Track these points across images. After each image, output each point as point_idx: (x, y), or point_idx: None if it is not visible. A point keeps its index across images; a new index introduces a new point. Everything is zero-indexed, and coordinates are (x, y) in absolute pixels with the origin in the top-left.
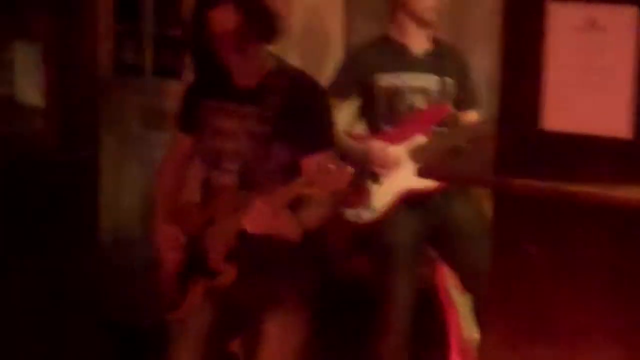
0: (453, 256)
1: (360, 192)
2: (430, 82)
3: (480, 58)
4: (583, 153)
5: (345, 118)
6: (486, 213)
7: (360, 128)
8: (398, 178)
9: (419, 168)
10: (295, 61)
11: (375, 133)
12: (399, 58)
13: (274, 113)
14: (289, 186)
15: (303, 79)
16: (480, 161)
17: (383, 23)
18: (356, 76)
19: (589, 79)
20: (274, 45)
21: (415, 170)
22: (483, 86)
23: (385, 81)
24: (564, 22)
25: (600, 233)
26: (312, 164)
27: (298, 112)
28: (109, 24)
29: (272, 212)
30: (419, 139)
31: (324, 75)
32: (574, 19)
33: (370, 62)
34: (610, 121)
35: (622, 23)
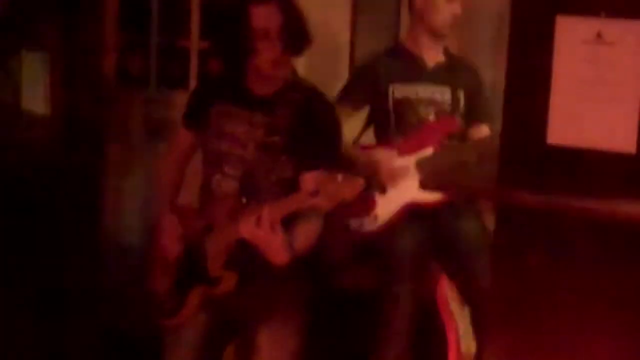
0: (455, 269)
1: (365, 202)
2: (442, 95)
3: (485, 70)
4: (587, 167)
5: (354, 126)
6: (489, 227)
7: (368, 137)
8: (404, 189)
9: (423, 179)
10: (302, 73)
11: (384, 143)
12: (413, 69)
13: (285, 125)
14: (292, 197)
15: (317, 96)
16: (485, 174)
17: (389, 37)
18: (369, 85)
19: (596, 94)
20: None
21: (419, 182)
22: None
23: (398, 91)
24: (573, 36)
25: (603, 247)
26: (312, 178)
27: (308, 128)
28: (115, 35)
29: (271, 223)
30: (427, 151)
31: (331, 88)
32: (583, 33)
33: (383, 72)
34: (615, 136)
35: (631, 38)
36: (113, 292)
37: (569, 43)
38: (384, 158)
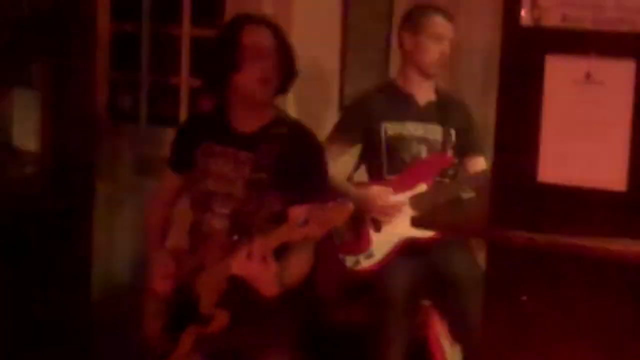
0: (446, 306)
1: (361, 239)
2: (434, 133)
3: (474, 105)
4: (578, 205)
5: (347, 164)
6: (482, 264)
7: (361, 175)
8: (398, 226)
9: (414, 218)
10: (292, 110)
11: (376, 181)
12: (405, 107)
13: (271, 161)
14: (282, 228)
15: (301, 131)
16: (477, 212)
17: (379, 74)
18: (361, 123)
19: (586, 132)
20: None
21: (410, 220)
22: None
23: (390, 129)
24: (562, 75)
25: (595, 285)
26: (300, 210)
27: (294, 163)
28: (105, 72)
29: (262, 256)
30: (421, 188)
31: (321, 124)
32: (572, 73)
33: (376, 110)
34: (606, 174)
35: (620, 77)
36: (104, 333)
37: (559, 82)
38: (378, 195)
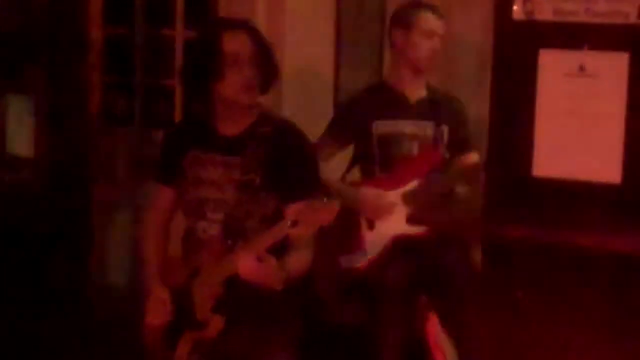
0: (440, 302)
1: (354, 238)
2: (426, 129)
3: (467, 101)
4: (573, 199)
5: (339, 164)
6: (477, 260)
7: (354, 174)
8: (391, 223)
9: (410, 215)
10: (286, 109)
11: (369, 179)
12: (396, 105)
13: (259, 162)
14: (274, 229)
15: (287, 128)
16: (472, 208)
17: (372, 71)
18: (353, 122)
19: (580, 125)
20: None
21: (406, 217)
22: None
23: (381, 128)
24: (556, 69)
25: (591, 278)
26: (295, 208)
27: (283, 162)
28: (99, 76)
29: (259, 258)
30: (413, 184)
31: (315, 124)
32: (566, 66)
33: (367, 109)
34: (600, 167)
35: (614, 69)
36: (103, 337)
37: (552, 76)
38: (369, 195)
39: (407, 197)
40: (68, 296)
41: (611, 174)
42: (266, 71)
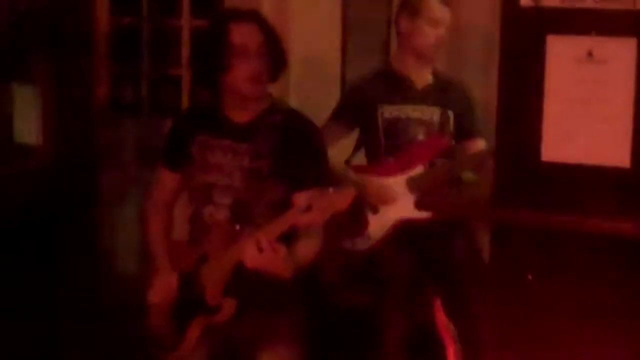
0: (445, 289)
1: (357, 221)
2: (432, 115)
3: (475, 87)
4: (583, 183)
5: (345, 148)
6: (483, 243)
7: (359, 158)
8: (396, 207)
9: (418, 200)
10: (294, 97)
11: (374, 164)
12: (402, 90)
13: (268, 149)
14: (286, 215)
15: (297, 117)
16: (480, 193)
17: (379, 58)
18: (359, 107)
19: (589, 110)
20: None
21: (414, 201)
22: (479, 115)
23: (387, 113)
24: (564, 55)
25: (600, 262)
26: (308, 194)
27: (292, 150)
28: (106, 64)
29: (269, 245)
30: (418, 170)
31: (322, 109)
32: (574, 52)
33: (373, 94)
34: (609, 151)
35: (622, 54)
36: (111, 325)
37: (561, 62)
38: (373, 183)
39: (412, 183)
40: (75, 284)
41: (620, 158)
42: (274, 61)
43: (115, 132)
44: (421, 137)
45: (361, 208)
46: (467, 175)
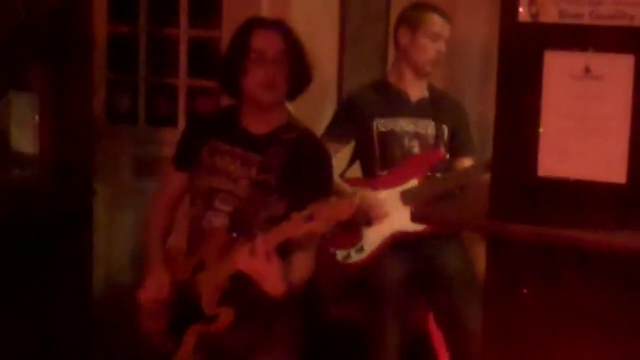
0: (437, 300)
1: (351, 233)
2: (426, 128)
3: (471, 102)
4: (579, 199)
5: (341, 161)
6: (475, 258)
7: (355, 171)
8: (390, 220)
9: (413, 212)
10: (290, 109)
11: (370, 176)
12: (397, 103)
13: (278, 164)
14: (287, 223)
15: (311, 138)
16: (474, 206)
17: (377, 71)
18: (354, 120)
19: (585, 126)
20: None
21: (409, 214)
22: (475, 130)
23: (382, 125)
24: (561, 71)
25: (596, 278)
26: (295, 217)
27: (301, 169)
28: (103, 74)
29: (266, 253)
30: (412, 183)
31: (319, 122)
32: (571, 68)
33: (368, 106)
34: (605, 167)
35: (619, 71)
36: (105, 334)
37: (558, 77)
38: (367, 197)
39: (407, 196)
40: (70, 293)
41: (616, 174)
42: (295, 74)
43: (111, 141)
44: (416, 150)
45: (354, 220)
46: (454, 188)
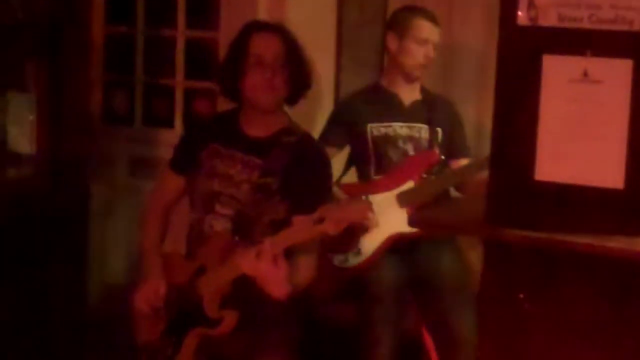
0: (432, 303)
1: (349, 237)
2: (420, 132)
3: (467, 106)
4: (576, 204)
5: (336, 167)
6: (472, 261)
7: (350, 176)
8: (386, 223)
9: (410, 217)
10: (288, 111)
11: (366, 181)
12: (390, 107)
13: (280, 167)
14: (297, 225)
15: (311, 142)
16: (471, 210)
17: (373, 74)
18: (348, 125)
19: (583, 131)
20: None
21: (406, 216)
22: (472, 134)
23: (376, 130)
24: (559, 75)
25: (593, 284)
26: (304, 220)
27: (301, 173)
28: (100, 74)
29: (273, 256)
30: (408, 185)
31: (316, 125)
32: (569, 72)
33: (361, 111)
34: (603, 172)
35: (617, 76)
36: (100, 336)
37: (556, 81)
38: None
39: (403, 198)
40: (65, 293)
41: (614, 179)
42: (296, 76)
43: (107, 142)
44: (411, 154)
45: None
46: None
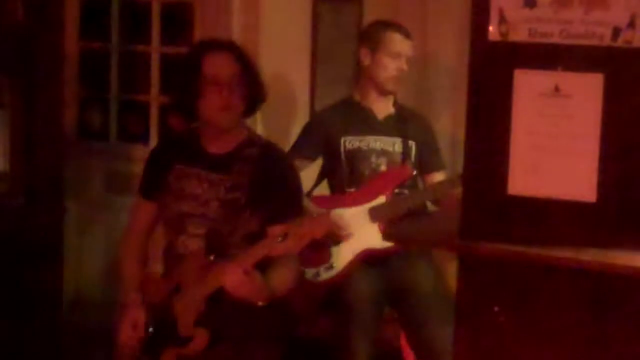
0: (406, 317)
1: (320, 251)
2: (394, 146)
3: (442, 120)
4: (548, 217)
5: (308, 179)
6: (448, 274)
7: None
8: (358, 238)
9: (384, 231)
10: (262, 127)
11: (338, 194)
12: (364, 121)
13: (245, 181)
14: (264, 242)
15: (273, 151)
16: (445, 224)
17: (348, 88)
18: (321, 138)
19: (555, 145)
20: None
21: (378, 231)
22: (446, 148)
23: (349, 143)
24: (531, 89)
25: (567, 296)
26: (279, 227)
27: (268, 183)
28: (74, 90)
29: (246, 272)
30: (380, 200)
31: (291, 139)
32: (541, 86)
33: (336, 124)
34: (575, 185)
35: (588, 90)
36: (74, 352)
37: (528, 96)
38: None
39: (374, 213)
40: (40, 310)
41: (586, 193)
42: (250, 93)
43: (82, 158)
44: (383, 168)
45: (324, 239)
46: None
